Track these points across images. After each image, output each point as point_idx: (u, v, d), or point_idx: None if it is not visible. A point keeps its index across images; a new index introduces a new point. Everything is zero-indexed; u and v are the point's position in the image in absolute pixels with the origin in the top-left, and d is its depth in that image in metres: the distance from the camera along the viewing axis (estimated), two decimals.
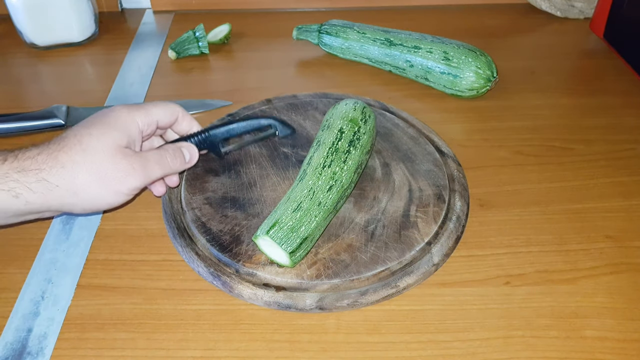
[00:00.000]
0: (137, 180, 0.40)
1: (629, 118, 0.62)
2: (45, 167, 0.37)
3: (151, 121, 0.43)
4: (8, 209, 0.37)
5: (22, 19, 0.71)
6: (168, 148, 0.44)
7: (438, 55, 0.63)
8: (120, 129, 0.40)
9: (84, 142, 0.38)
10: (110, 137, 0.39)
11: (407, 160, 0.54)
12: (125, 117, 0.41)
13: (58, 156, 0.37)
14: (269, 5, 0.85)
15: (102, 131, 0.39)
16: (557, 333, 0.41)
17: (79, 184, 0.37)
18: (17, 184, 0.36)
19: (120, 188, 0.39)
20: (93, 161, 0.38)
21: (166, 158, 0.43)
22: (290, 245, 0.41)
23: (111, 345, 0.40)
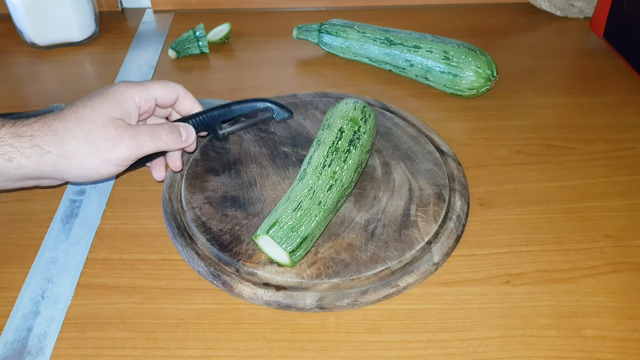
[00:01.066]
0: (126, 149, 0.40)
1: (629, 117, 0.62)
2: (39, 133, 0.38)
3: (149, 97, 0.43)
4: (2, 173, 0.38)
5: (22, 19, 0.71)
6: (164, 124, 0.44)
7: (438, 55, 0.63)
8: (116, 101, 0.41)
9: (78, 112, 0.40)
10: (103, 108, 0.40)
11: (407, 159, 0.54)
12: (123, 91, 0.42)
13: (52, 124, 0.39)
14: (269, 4, 0.85)
15: (97, 102, 0.40)
16: (557, 332, 0.41)
17: (67, 150, 0.39)
18: (11, 148, 0.38)
19: (108, 157, 0.40)
20: (83, 129, 0.39)
21: (160, 132, 0.43)
22: (290, 244, 0.41)
23: (111, 345, 0.40)
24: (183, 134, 0.45)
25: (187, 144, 0.46)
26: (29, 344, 0.40)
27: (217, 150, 0.55)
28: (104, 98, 0.41)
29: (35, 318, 0.42)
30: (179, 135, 0.45)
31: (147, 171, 0.54)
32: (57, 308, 0.43)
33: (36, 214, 0.51)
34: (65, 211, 0.51)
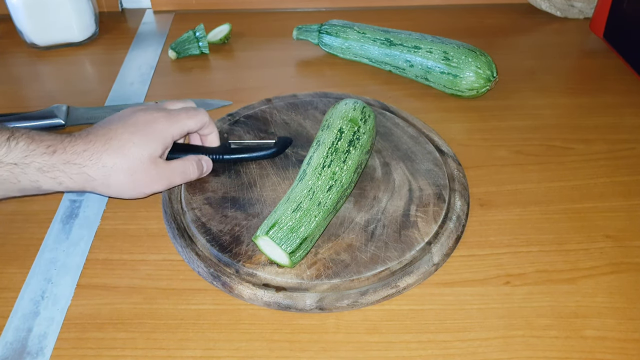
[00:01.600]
0: (160, 186, 0.47)
1: (629, 117, 0.62)
2: (89, 163, 0.43)
3: (183, 132, 0.48)
4: (50, 190, 0.44)
5: (22, 19, 0.71)
6: (192, 160, 0.49)
7: (438, 55, 0.63)
8: (159, 141, 0.46)
9: (126, 148, 0.44)
10: (149, 148, 0.45)
11: (407, 159, 0.54)
12: (164, 130, 0.46)
13: (102, 157, 0.43)
14: (269, 5, 0.85)
15: (143, 141, 0.45)
16: (557, 333, 0.41)
17: (112, 181, 0.44)
18: (62, 173, 0.42)
19: (144, 190, 0.46)
20: (130, 167, 0.44)
21: (189, 169, 0.49)
22: (290, 245, 0.41)
23: (111, 345, 0.40)
24: (204, 167, 0.51)
25: (206, 174, 0.52)
26: (28, 344, 0.40)
27: None
28: (148, 136, 0.45)
29: (35, 318, 0.42)
30: (202, 169, 0.51)
31: None
32: (57, 308, 0.43)
33: (36, 215, 0.51)
34: (65, 211, 0.51)
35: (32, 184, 0.42)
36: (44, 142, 0.42)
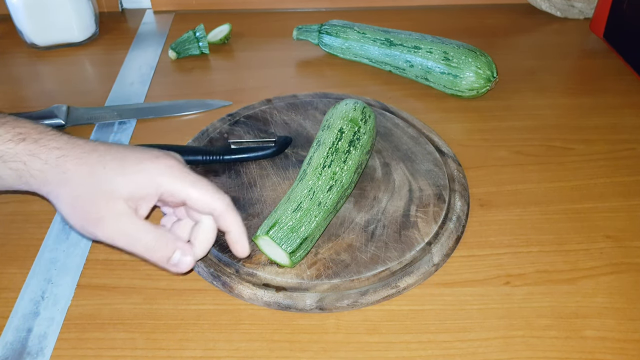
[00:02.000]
0: (100, 234, 0.37)
1: (629, 118, 0.62)
2: (52, 163, 0.36)
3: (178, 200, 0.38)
4: (11, 184, 0.38)
5: (22, 19, 0.71)
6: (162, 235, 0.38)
7: (438, 56, 0.63)
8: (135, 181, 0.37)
9: (95, 169, 0.37)
10: (117, 181, 0.37)
11: (407, 160, 0.54)
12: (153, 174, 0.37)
13: (67, 162, 0.37)
14: (269, 5, 0.85)
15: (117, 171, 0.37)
16: (557, 333, 0.41)
17: (60, 195, 0.37)
18: (23, 166, 0.36)
19: (83, 227, 0.37)
20: (78, 188, 0.36)
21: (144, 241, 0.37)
22: (290, 245, 0.41)
23: (111, 345, 0.40)
24: (175, 257, 0.38)
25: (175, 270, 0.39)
26: (28, 344, 0.40)
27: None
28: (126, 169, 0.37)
29: (35, 318, 0.42)
30: (167, 255, 0.38)
31: None
32: (57, 309, 0.43)
33: (36, 215, 0.51)
34: None
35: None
36: (17, 128, 0.37)
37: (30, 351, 0.40)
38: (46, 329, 0.41)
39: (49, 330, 0.41)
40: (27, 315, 0.42)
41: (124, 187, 0.36)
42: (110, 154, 0.37)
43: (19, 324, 0.42)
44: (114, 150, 0.38)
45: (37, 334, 0.41)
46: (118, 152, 0.38)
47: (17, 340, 0.41)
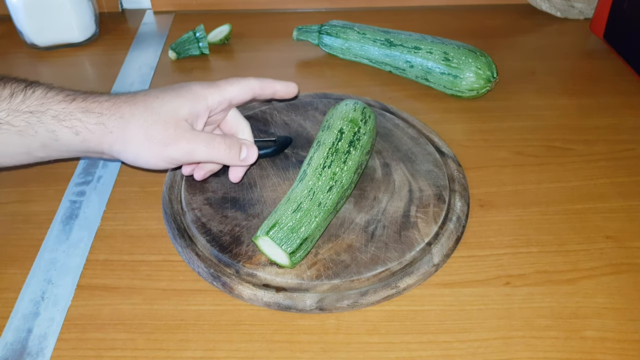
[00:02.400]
0: (177, 151, 0.41)
1: (629, 118, 0.62)
2: (107, 112, 0.39)
3: (223, 99, 0.43)
4: (69, 144, 0.40)
5: (22, 19, 0.71)
6: (227, 138, 0.43)
7: (438, 56, 0.63)
8: (187, 100, 0.41)
9: (148, 102, 0.40)
10: (172, 104, 0.41)
11: (407, 160, 0.54)
12: (197, 91, 0.42)
13: (121, 106, 0.40)
14: (269, 5, 0.85)
15: (168, 97, 0.41)
16: (557, 333, 0.41)
17: (128, 135, 0.40)
18: (79, 122, 0.39)
19: (160, 152, 0.40)
20: (147, 119, 0.40)
21: (219, 145, 0.42)
22: (290, 245, 0.41)
23: (111, 346, 0.40)
24: (243, 153, 0.44)
25: (244, 164, 0.45)
26: (29, 345, 0.40)
27: None
28: (177, 94, 0.41)
29: (35, 319, 0.42)
30: (237, 153, 0.44)
31: (146, 172, 0.54)
32: (57, 309, 0.43)
33: (36, 215, 0.51)
34: (65, 212, 0.51)
35: (49, 135, 0.39)
36: (64, 91, 0.40)
37: (30, 352, 0.40)
38: (46, 330, 0.41)
39: (49, 331, 0.41)
40: (27, 316, 0.42)
41: (182, 107, 0.41)
42: (153, 90, 0.42)
43: (19, 324, 0.42)
44: (153, 89, 0.42)
45: (37, 335, 0.41)
46: (159, 89, 0.42)
47: (17, 341, 0.41)
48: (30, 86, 0.39)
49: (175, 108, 0.41)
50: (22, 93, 0.39)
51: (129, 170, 0.55)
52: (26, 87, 0.39)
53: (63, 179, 0.54)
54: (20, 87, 0.39)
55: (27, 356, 0.40)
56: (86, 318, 0.42)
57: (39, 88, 0.39)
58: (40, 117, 0.38)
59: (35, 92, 0.39)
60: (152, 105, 0.40)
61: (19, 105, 0.38)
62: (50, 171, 0.55)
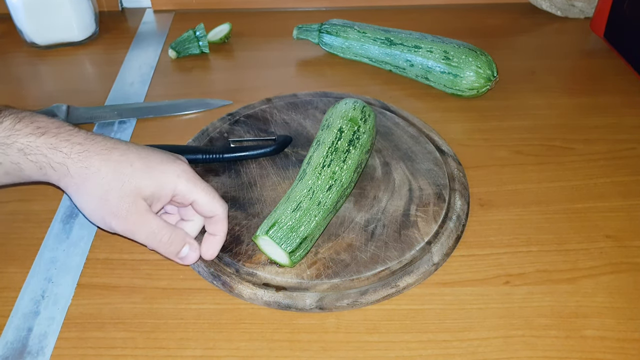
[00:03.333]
0: (120, 226, 0.40)
1: (629, 118, 0.62)
2: (75, 157, 0.39)
3: (186, 199, 0.42)
4: (32, 176, 0.40)
5: (22, 18, 0.71)
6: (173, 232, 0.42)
7: (438, 55, 0.63)
8: (156, 183, 0.40)
9: (120, 167, 0.39)
10: (141, 182, 0.40)
11: (407, 159, 0.54)
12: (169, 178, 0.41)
13: (91, 158, 0.39)
14: (269, 4, 0.85)
15: (140, 172, 0.40)
16: (557, 333, 0.41)
17: (85, 187, 0.39)
18: (44, 158, 0.39)
19: (106, 218, 0.40)
20: (109, 183, 0.39)
21: (161, 237, 0.41)
22: (289, 245, 0.41)
23: (111, 345, 0.40)
24: (183, 251, 0.42)
25: (182, 262, 0.43)
26: (29, 343, 0.40)
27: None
28: (150, 169, 0.40)
29: (35, 318, 0.42)
30: (177, 250, 0.42)
31: None
32: (57, 308, 0.43)
33: (36, 214, 0.51)
34: (65, 211, 0.51)
35: (13, 167, 0.39)
36: (35, 122, 0.39)
37: (30, 350, 0.40)
38: (46, 328, 0.41)
39: (49, 330, 0.41)
40: (28, 315, 0.42)
41: (148, 187, 0.40)
42: (132, 153, 0.40)
43: (19, 323, 0.42)
44: (134, 149, 0.41)
45: (37, 333, 0.41)
46: (139, 152, 0.41)
47: (17, 340, 0.41)
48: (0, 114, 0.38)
49: (141, 186, 0.39)
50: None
51: None
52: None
53: None
54: None
55: (28, 355, 0.40)
56: (86, 317, 0.42)
57: (7, 118, 0.39)
58: (6, 150, 0.38)
59: (3, 122, 0.38)
60: (122, 172, 0.39)
61: None
62: None
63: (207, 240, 0.44)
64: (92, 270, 0.46)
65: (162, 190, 0.40)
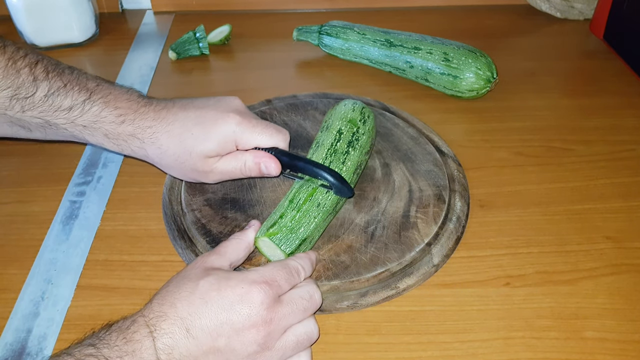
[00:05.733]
0: (207, 180, 0.47)
1: (629, 119, 0.62)
2: (148, 142, 0.44)
3: (249, 146, 0.45)
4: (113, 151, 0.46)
5: (22, 20, 0.71)
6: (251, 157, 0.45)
7: (438, 56, 0.63)
8: (217, 142, 0.44)
9: (183, 137, 0.44)
10: (203, 145, 0.44)
11: (407, 160, 0.54)
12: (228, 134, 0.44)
13: (160, 138, 0.44)
14: (269, 6, 0.85)
15: (201, 136, 0.44)
16: (557, 334, 0.41)
17: (164, 163, 0.45)
18: (125, 143, 0.44)
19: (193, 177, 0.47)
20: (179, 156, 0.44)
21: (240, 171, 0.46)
22: (289, 246, 0.41)
23: None
24: (263, 168, 0.45)
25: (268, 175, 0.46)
26: (28, 345, 0.40)
27: None
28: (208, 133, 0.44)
29: (35, 319, 0.42)
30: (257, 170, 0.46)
31: (146, 173, 0.54)
32: (57, 309, 0.43)
33: (36, 215, 0.51)
34: (65, 212, 0.51)
35: (97, 144, 0.45)
36: (117, 109, 0.43)
37: (30, 352, 0.40)
38: (46, 330, 0.41)
39: (48, 331, 0.41)
40: (27, 316, 0.42)
41: (211, 147, 0.44)
42: (190, 120, 0.44)
43: (18, 324, 0.42)
44: (191, 113, 0.45)
45: (36, 335, 0.41)
46: (196, 116, 0.44)
47: (16, 341, 0.40)
48: (89, 100, 0.43)
49: (205, 150, 0.44)
50: (81, 107, 0.43)
51: (129, 171, 0.55)
52: (85, 102, 0.43)
53: (63, 179, 0.54)
54: (80, 100, 0.43)
55: (27, 356, 0.39)
56: (86, 318, 0.42)
57: (96, 104, 0.43)
58: (93, 132, 0.44)
59: (92, 108, 0.43)
60: (185, 143, 0.44)
61: (76, 118, 0.43)
62: (50, 171, 0.55)
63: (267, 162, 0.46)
64: (92, 271, 0.46)
65: (225, 145, 0.44)
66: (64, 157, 0.57)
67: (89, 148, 0.58)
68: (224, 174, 0.46)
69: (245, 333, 0.34)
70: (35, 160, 0.57)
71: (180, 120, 0.44)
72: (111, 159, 0.57)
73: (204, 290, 0.35)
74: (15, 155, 0.57)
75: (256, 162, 0.45)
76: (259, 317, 0.34)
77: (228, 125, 0.44)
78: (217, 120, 0.44)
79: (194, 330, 0.33)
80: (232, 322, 0.34)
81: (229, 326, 0.34)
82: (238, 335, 0.34)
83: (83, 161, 0.57)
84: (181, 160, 0.44)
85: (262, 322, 0.34)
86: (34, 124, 0.43)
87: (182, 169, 0.45)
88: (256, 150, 0.45)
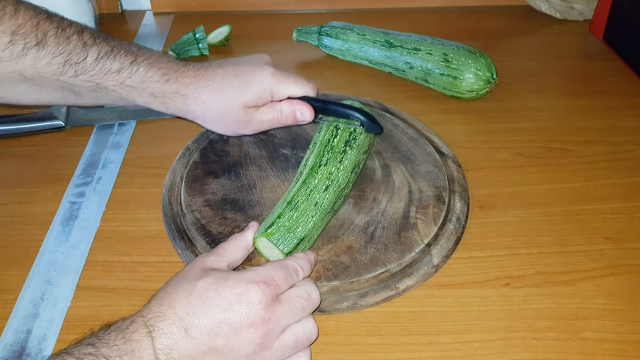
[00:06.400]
0: (248, 131, 0.51)
1: (629, 119, 0.62)
2: (191, 97, 0.48)
3: (283, 95, 0.50)
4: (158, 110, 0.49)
5: None
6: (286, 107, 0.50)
7: (438, 57, 0.63)
8: (256, 93, 0.48)
9: (224, 90, 0.48)
10: (243, 96, 0.48)
11: (407, 161, 0.54)
12: (265, 85, 0.49)
13: (202, 92, 0.48)
14: (269, 7, 0.85)
15: (241, 88, 0.48)
16: (557, 335, 0.41)
17: (207, 116, 0.49)
18: (170, 101, 0.48)
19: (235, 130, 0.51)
20: (221, 108, 0.48)
21: (282, 120, 0.50)
22: (287, 245, 0.41)
23: None
24: (299, 116, 0.50)
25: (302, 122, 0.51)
26: (28, 346, 0.40)
27: (217, 152, 0.55)
28: (248, 85, 0.48)
29: (34, 320, 0.42)
30: (293, 118, 0.50)
31: (147, 173, 0.54)
32: (57, 310, 0.43)
33: (36, 216, 0.51)
34: (65, 213, 0.51)
35: (144, 104, 0.49)
36: (161, 69, 0.47)
37: (29, 353, 0.40)
38: (46, 331, 0.41)
39: (48, 332, 0.41)
40: (27, 317, 0.42)
41: (250, 97, 0.48)
42: (229, 74, 0.48)
43: (18, 325, 0.42)
44: (229, 69, 0.49)
45: (36, 336, 0.41)
46: (234, 70, 0.49)
47: (16, 342, 0.40)
48: (135, 62, 0.46)
49: (244, 101, 0.48)
50: (129, 69, 0.46)
51: (129, 172, 0.55)
52: (132, 64, 0.46)
53: (63, 180, 0.54)
54: (127, 62, 0.46)
55: (27, 357, 0.39)
56: (85, 319, 0.42)
57: (142, 65, 0.46)
58: (140, 92, 0.47)
59: (139, 69, 0.46)
60: (226, 96, 0.48)
61: (125, 79, 0.46)
62: (50, 172, 0.55)
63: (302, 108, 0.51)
64: (92, 272, 0.46)
65: (262, 95, 0.49)
66: (63, 158, 0.57)
67: (89, 149, 0.58)
68: (263, 122, 0.50)
69: (244, 332, 0.34)
70: (35, 161, 0.57)
71: (220, 76, 0.48)
72: (111, 160, 0.57)
73: (202, 291, 0.35)
74: (15, 157, 0.57)
75: (292, 110, 0.50)
76: (257, 316, 0.34)
77: (264, 76, 0.48)
78: (254, 73, 0.49)
79: (193, 330, 0.33)
80: (230, 322, 0.34)
81: (227, 326, 0.34)
82: (236, 334, 0.34)
83: (83, 162, 0.57)
84: (223, 112, 0.48)
85: (260, 321, 0.34)
86: (84, 88, 0.46)
87: (224, 120, 0.49)
88: (290, 100, 0.50)
